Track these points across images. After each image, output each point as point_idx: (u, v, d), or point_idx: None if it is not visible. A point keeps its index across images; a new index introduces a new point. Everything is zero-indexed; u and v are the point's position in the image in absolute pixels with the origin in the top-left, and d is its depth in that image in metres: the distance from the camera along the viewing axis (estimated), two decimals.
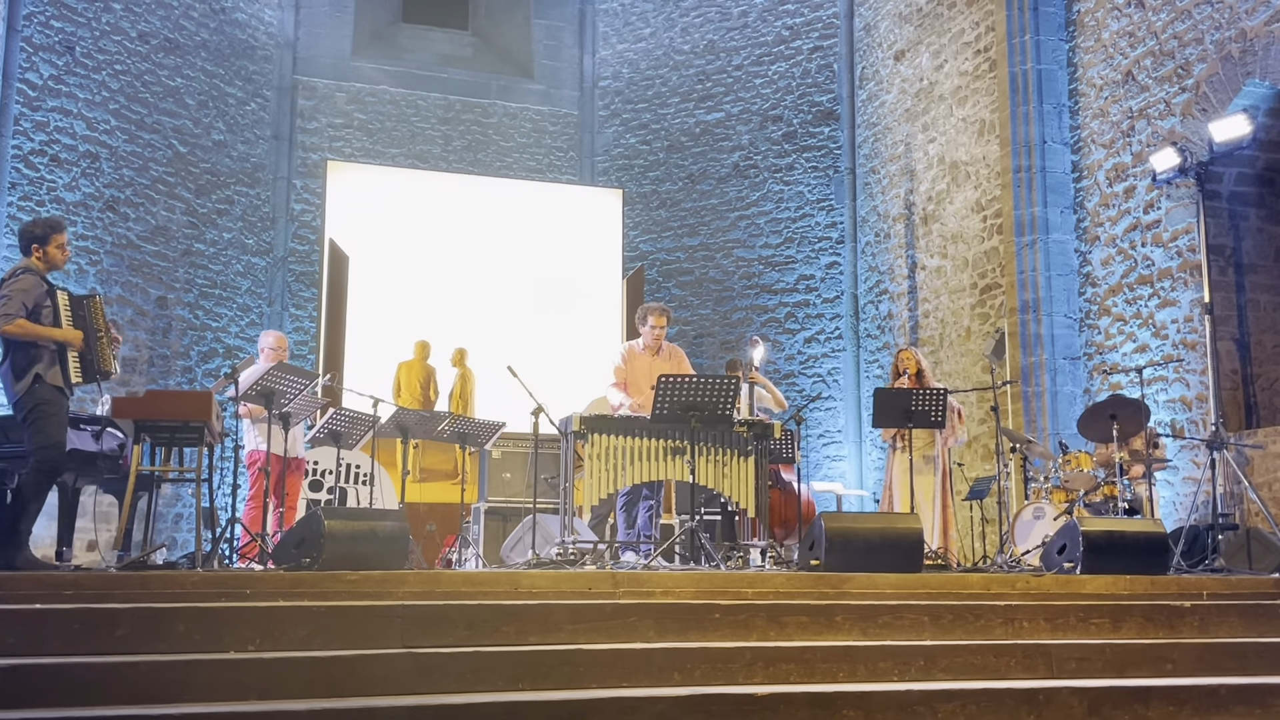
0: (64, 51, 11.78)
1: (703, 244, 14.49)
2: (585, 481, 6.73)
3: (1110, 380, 9.54)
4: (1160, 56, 9.33)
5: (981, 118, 11.33)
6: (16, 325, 5.47)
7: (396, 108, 14.66)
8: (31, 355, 5.56)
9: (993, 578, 5.76)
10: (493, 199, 13.52)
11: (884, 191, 13.17)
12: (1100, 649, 4.79)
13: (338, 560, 5.26)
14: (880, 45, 13.34)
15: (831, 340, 13.71)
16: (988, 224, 11.19)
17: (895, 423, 7.59)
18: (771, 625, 4.78)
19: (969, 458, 11.10)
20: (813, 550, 6.02)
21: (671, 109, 14.91)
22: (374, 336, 12.14)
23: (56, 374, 5.59)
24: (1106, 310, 9.79)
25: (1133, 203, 9.57)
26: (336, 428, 7.49)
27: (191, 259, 12.86)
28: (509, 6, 15.53)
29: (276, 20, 14.09)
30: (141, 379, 11.88)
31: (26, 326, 5.49)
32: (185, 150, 12.90)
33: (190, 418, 6.22)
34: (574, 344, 12.58)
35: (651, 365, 7.37)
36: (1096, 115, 10.05)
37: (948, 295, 11.82)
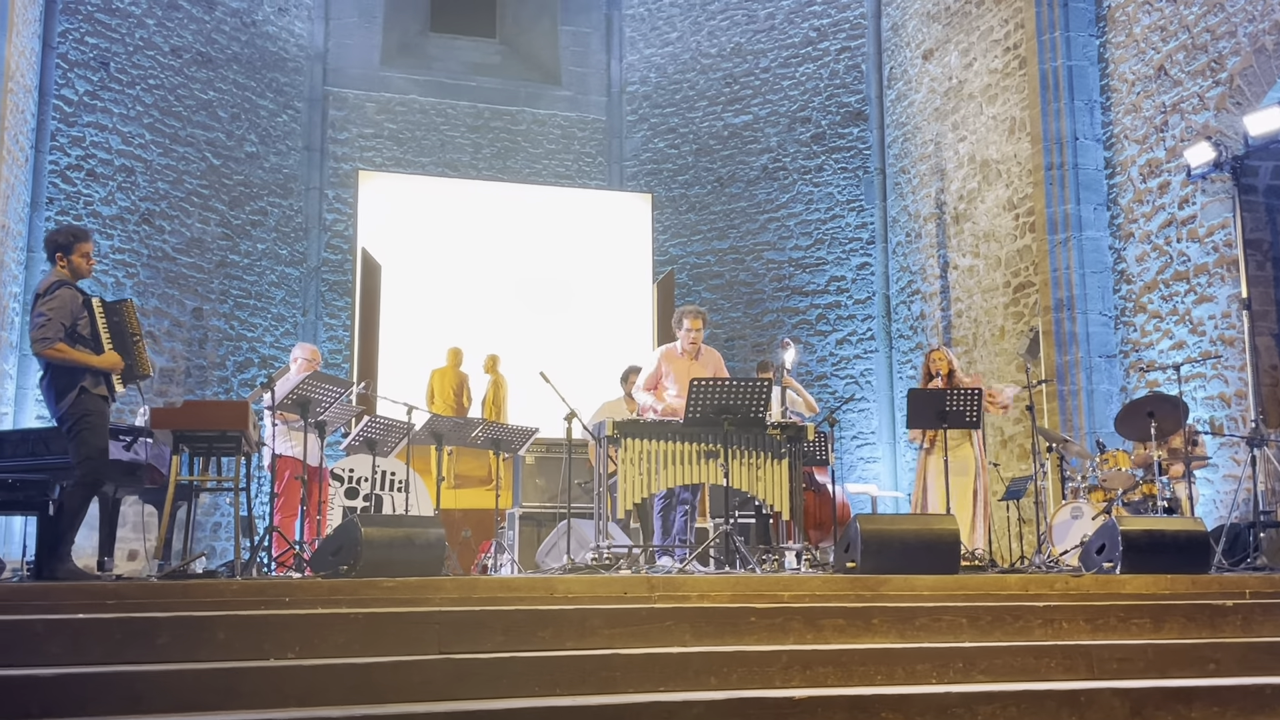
0: (99, 67, 11.92)
1: (732, 247, 14.46)
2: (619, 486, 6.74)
3: (1147, 378, 9.44)
4: (1193, 50, 9.23)
5: (1012, 115, 11.25)
6: (56, 350, 5.47)
7: (426, 116, 14.73)
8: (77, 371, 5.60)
9: (1031, 578, 5.71)
10: (522, 205, 13.56)
11: (914, 191, 13.10)
12: (1142, 649, 4.74)
13: (374, 567, 5.29)
14: (908, 45, 13.28)
15: (863, 341, 13.65)
16: (1020, 222, 11.11)
17: (929, 424, 7.54)
18: (808, 628, 4.76)
19: (1005, 457, 11.02)
20: (848, 553, 5.99)
21: (699, 112, 14.90)
22: (407, 344, 12.19)
23: (102, 387, 5.64)
24: (1142, 307, 9.70)
25: (1167, 198, 9.47)
26: (371, 435, 7.53)
27: (226, 270, 12.97)
28: (536, 14, 15.58)
29: (306, 32, 14.20)
30: (179, 389, 11.99)
31: (65, 352, 5.50)
32: (219, 163, 13.02)
33: (227, 427, 6.27)
34: (605, 349, 12.58)
35: (690, 369, 7.36)
36: (1129, 111, 9.96)
37: (980, 294, 11.74)
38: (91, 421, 5.54)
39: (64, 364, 5.53)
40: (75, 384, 5.53)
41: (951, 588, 5.41)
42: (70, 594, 4.63)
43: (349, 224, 13.51)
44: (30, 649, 4.02)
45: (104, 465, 5.61)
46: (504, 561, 7.78)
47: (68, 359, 5.51)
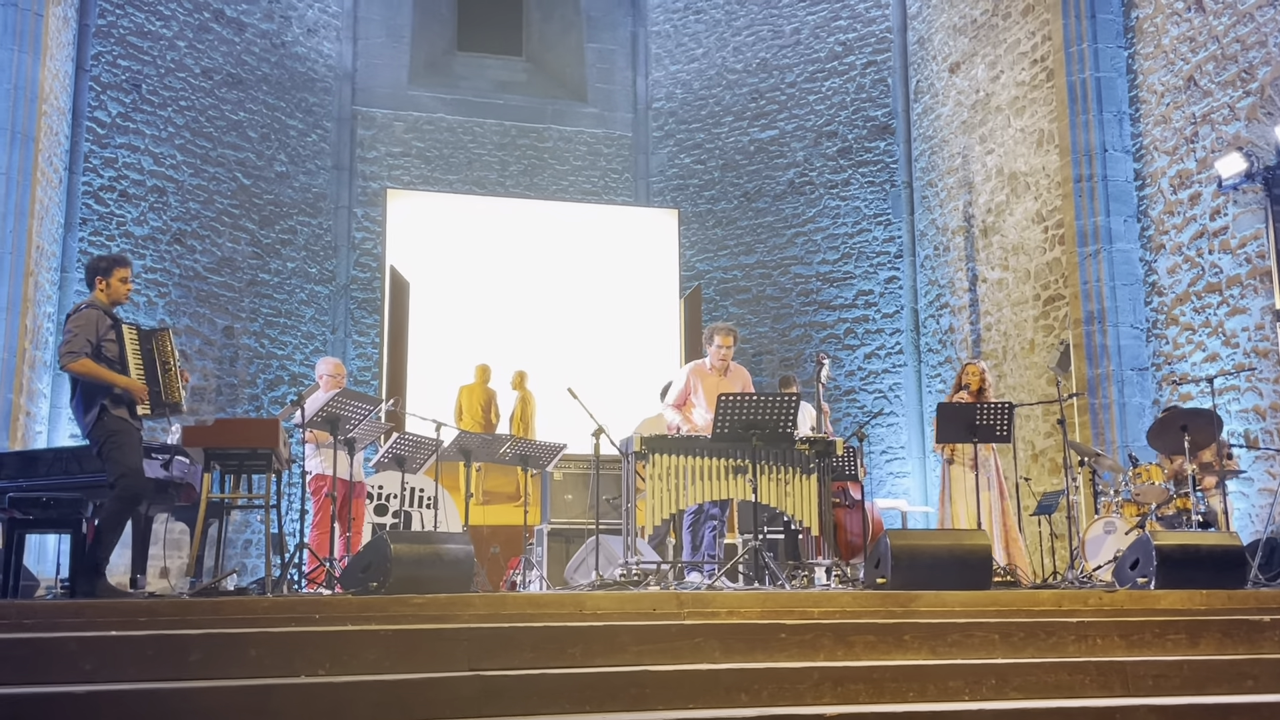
0: (131, 89, 12.06)
1: (759, 262, 14.45)
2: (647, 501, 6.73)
3: (1180, 391, 9.35)
4: (1223, 61, 9.16)
5: (1040, 128, 11.21)
6: (80, 364, 5.55)
7: (453, 135, 14.81)
8: (99, 389, 5.66)
9: (1064, 594, 5.66)
10: (549, 222, 13.61)
11: (942, 205, 13.06)
12: (1178, 666, 4.68)
13: (404, 584, 5.30)
14: (934, 58, 13.26)
15: (892, 355, 13.60)
16: (1049, 235, 11.05)
17: (959, 438, 7.50)
18: (839, 645, 4.73)
19: (1036, 472, 10.93)
20: (878, 568, 5.96)
21: (725, 128, 14.92)
22: (435, 361, 12.25)
23: (123, 408, 5.67)
24: (1174, 320, 9.61)
25: (1198, 209, 9.40)
26: (400, 452, 7.56)
27: (256, 289, 13.07)
28: (562, 32, 15.66)
29: (335, 53, 14.33)
30: (210, 408, 12.08)
31: (90, 367, 5.56)
32: (249, 182, 13.14)
33: (258, 445, 6.32)
34: (633, 364, 12.60)
35: (719, 385, 7.35)
36: (1158, 122, 9.90)
37: (1010, 308, 11.68)
38: (119, 440, 5.59)
39: (87, 380, 5.60)
40: (96, 403, 5.59)
41: (983, 603, 5.38)
42: (103, 611, 4.66)
43: (377, 242, 13.59)
44: (64, 667, 4.05)
45: (140, 482, 5.66)
46: (533, 578, 7.79)
47: (90, 374, 5.57)
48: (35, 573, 6.35)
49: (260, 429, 6.50)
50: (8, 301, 8.71)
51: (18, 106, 8.96)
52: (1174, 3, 9.71)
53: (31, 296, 9.39)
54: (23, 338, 8.95)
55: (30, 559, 6.10)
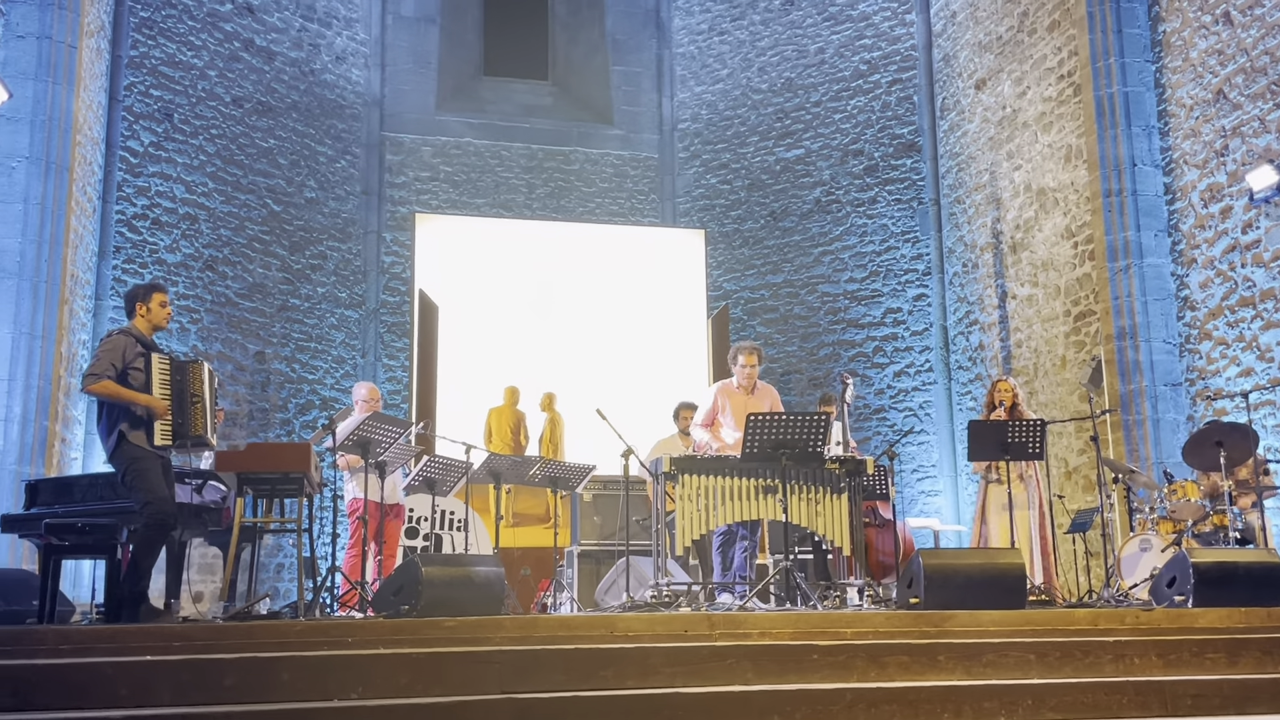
0: (163, 119, 12.20)
1: (787, 281, 14.44)
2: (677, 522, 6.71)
3: (1214, 406, 9.25)
4: (1252, 73, 9.10)
5: (1068, 143, 11.16)
6: (101, 385, 5.59)
7: (480, 159, 14.89)
8: (118, 415, 5.69)
9: (1100, 613, 5.61)
10: (577, 244, 13.66)
11: (970, 221, 13.02)
12: (1217, 685, 4.63)
13: (435, 606, 5.31)
14: (960, 75, 13.24)
15: (922, 373, 13.53)
16: (1079, 250, 10.99)
17: (992, 455, 7.45)
18: (872, 665, 4.70)
19: (1070, 489, 10.84)
20: (911, 588, 5.91)
21: (751, 148, 14.94)
22: (464, 384, 12.28)
23: (140, 435, 5.67)
24: (1207, 334, 9.52)
25: (1230, 223, 9.32)
26: (431, 474, 7.59)
27: (287, 314, 13.17)
28: (587, 55, 15.74)
29: (363, 79, 14.46)
30: (242, 432, 12.16)
31: (110, 387, 5.60)
32: (279, 209, 13.26)
33: (290, 469, 6.35)
34: (661, 385, 12.57)
35: (746, 404, 7.34)
36: (1188, 135, 9.84)
37: (1040, 324, 11.61)
38: (139, 467, 5.61)
39: (107, 400, 5.64)
40: (115, 428, 5.63)
41: (1018, 623, 5.33)
42: (138, 636, 4.69)
43: (406, 266, 13.67)
44: (101, 692, 4.08)
45: (167, 508, 5.68)
46: (563, 600, 7.78)
47: (110, 394, 5.61)
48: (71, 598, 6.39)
49: (292, 453, 6.53)
50: (43, 330, 8.81)
51: (52, 137, 9.08)
52: (1201, 16, 9.66)
53: (66, 324, 9.50)
54: (58, 365, 9.05)
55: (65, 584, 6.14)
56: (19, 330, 8.63)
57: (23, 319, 8.68)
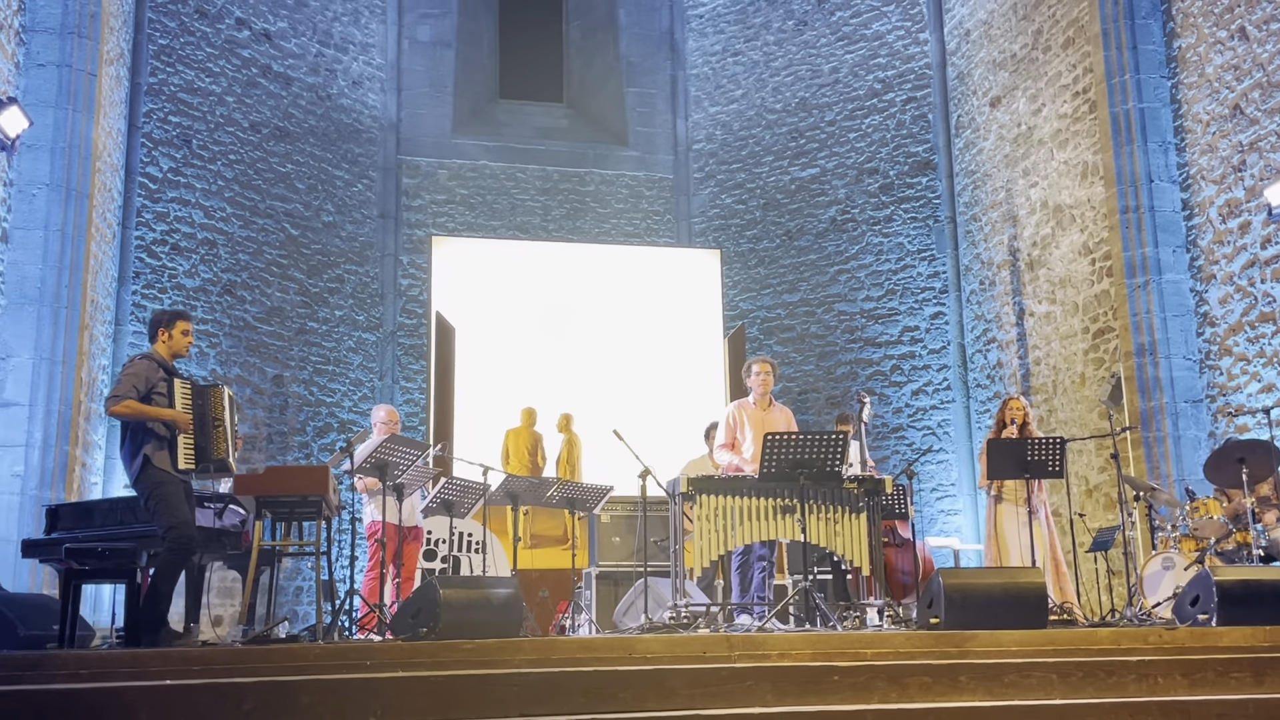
0: (181, 145, 12.30)
1: (803, 300, 14.43)
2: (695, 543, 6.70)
3: (1236, 422, 9.20)
4: (1268, 88, 9.08)
5: (1084, 160, 11.15)
6: (124, 405, 5.65)
7: (496, 181, 14.95)
8: (141, 439, 5.73)
9: (1123, 632, 5.57)
10: (593, 265, 13.68)
11: (986, 239, 13.00)
12: (1243, 705, 4.58)
13: (453, 629, 5.32)
14: (975, 93, 13.25)
15: (940, 392, 13.49)
16: (1096, 267, 10.95)
17: (1011, 474, 7.43)
18: (893, 687, 4.68)
19: (1091, 507, 10.77)
20: (931, 608, 5.89)
21: (766, 167, 14.96)
22: (481, 405, 12.30)
23: (164, 458, 5.72)
24: (1228, 350, 9.47)
25: (1249, 238, 9.28)
26: (448, 497, 7.59)
27: (305, 337, 13.23)
28: (602, 77, 15.82)
29: (380, 103, 14.55)
30: (261, 456, 12.20)
31: (133, 406, 5.66)
32: (297, 233, 13.33)
33: (308, 492, 6.36)
34: (678, 405, 12.59)
35: (763, 420, 7.34)
36: (1205, 151, 9.81)
37: (1059, 341, 11.57)
38: (163, 492, 5.64)
39: (131, 421, 5.68)
40: (139, 451, 5.67)
41: (1040, 643, 5.30)
42: (158, 660, 4.70)
43: (423, 289, 13.72)
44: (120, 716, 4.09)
45: (189, 533, 5.71)
46: (581, 621, 7.76)
47: (133, 413, 5.66)
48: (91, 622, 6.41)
49: (310, 476, 6.55)
50: (63, 355, 8.85)
51: (72, 165, 9.15)
52: (1217, 31, 9.65)
53: (87, 350, 9.55)
54: (78, 390, 9.09)
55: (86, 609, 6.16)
56: (40, 355, 8.67)
57: (43, 344, 8.71)
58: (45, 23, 9.14)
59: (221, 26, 12.87)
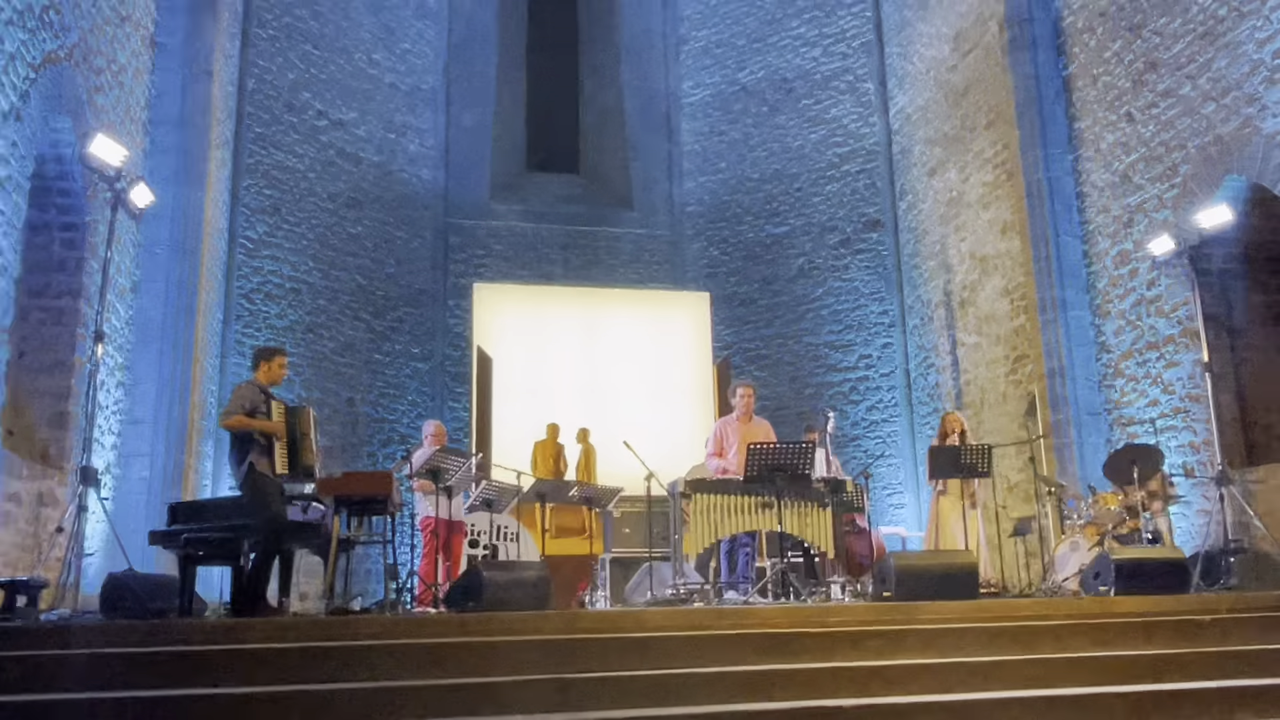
0: (273, 212, 12.38)
1: (777, 333, 14.47)
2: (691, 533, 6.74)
3: (1128, 431, 9.24)
4: (1151, 160, 9.18)
5: (1003, 219, 11.23)
6: (233, 420, 5.74)
7: (525, 238, 14.99)
8: (246, 448, 5.79)
9: (1039, 602, 5.61)
10: (605, 305, 13.69)
11: (925, 283, 13.07)
12: (1136, 659, 4.63)
13: (494, 604, 5.36)
14: (915, 165, 13.36)
15: (889, 408, 13.52)
16: (1014, 305, 11.02)
17: (949, 474, 7.48)
18: (853, 648, 4.72)
19: (1012, 501, 10.79)
20: (884, 584, 5.93)
21: (746, 225, 15.01)
22: (514, 421, 12.27)
23: (265, 464, 5.79)
24: (1121, 373, 9.53)
25: (1136, 282, 9.36)
26: (489, 496, 7.65)
27: (371, 367, 13.27)
28: (611, 153, 15.91)
29: (431, 177, 14.64)
30: (336, 463, 12.20)
31: (241, 420, 5.74)
32: (365, 282, 13.40)
33: (376, 492, 6.41)
34: (675, 421, 12.62)
35: (745, 432, 7.39)
36: (1101, 211, 9.90)
37: (985, 366, 11.62)
38: (263, 492, 5.69)
39: (238, 433, 5.75)
40: (245, 459, 5.73)
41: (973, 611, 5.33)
42: (257, 628, 4.75)
43: (466, 327, 13.75)
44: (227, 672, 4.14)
45: (281, 525, 5.77)
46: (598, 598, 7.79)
47: (241, 426, 5.74)
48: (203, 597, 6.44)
49: (377, 479, 6.59)
50: (180, 382, 8.91)
51: (187, 230, 9.24)
52: (1108, 115, 9.76)
53: (198, 378, 9.61)
54: (192, 411, 9.16)
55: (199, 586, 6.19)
56: (161, 383, 8.73)
57: (164, 374, 8.78)
58: (166, 117, 9.26)
59: (305, 116, 13.00)
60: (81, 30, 7.32)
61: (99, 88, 7.76)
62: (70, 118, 7.13)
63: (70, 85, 7.09)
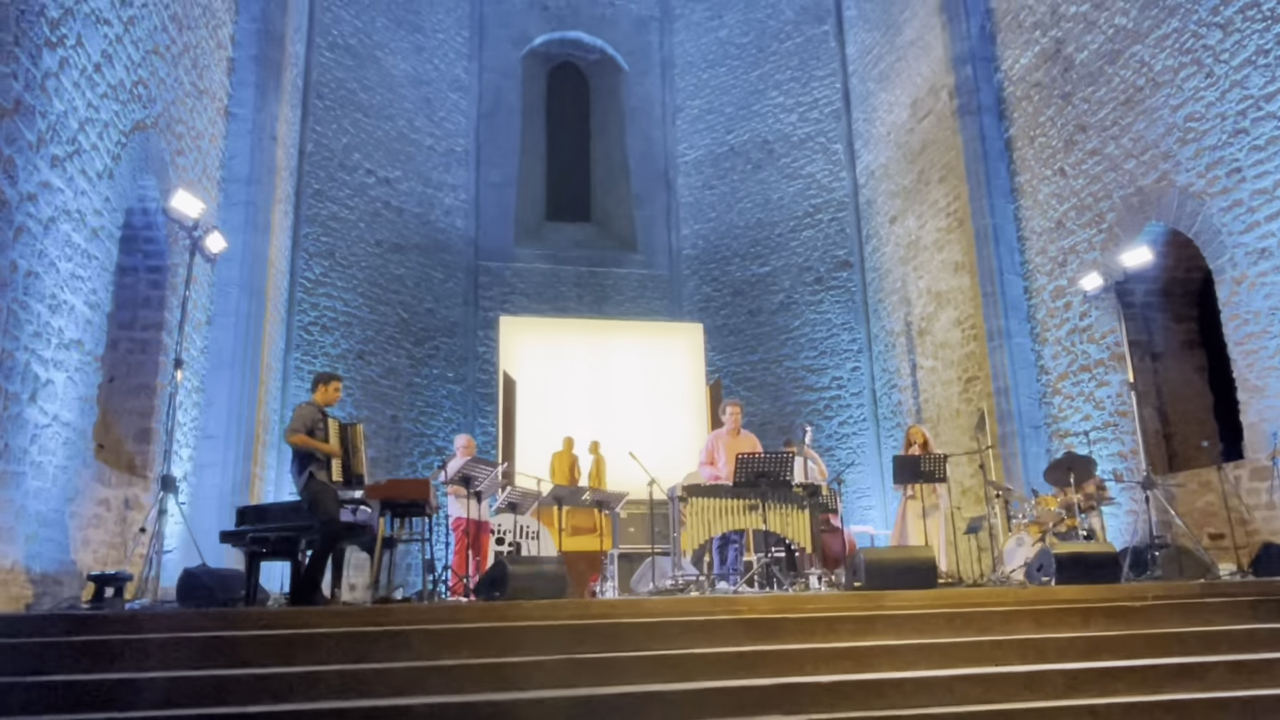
0: (328, 256, 12.46)
1: (761, 359, 14.49)
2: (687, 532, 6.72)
3: (1065, 442, 9.22)
4: (1081, 209, 9.22)
5: (955, 259, 11.27)
6: (297, 438, 5.73)
7: (544, 277, 15.07)
8: (307, 460, 5.79)
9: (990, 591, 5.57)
10: (613, 335, 13.74)
11: (889, 315, 13.09)
12: (1074, 640, 4.60)
13: (518, 593, 5.33)
14: (879, 214, 13.42)
15: (858, 423, 13.50)
16: (965, 334, 11.03)
17: (910, 479, 7.45)
18: (829, 631, 4.70)
19: (965, 503, 10.75)
20: (855, 576, 5.90)
21: (734, 266, 15.08)
22: (535, 435, 12.28)
23: (323, 473, 5.79)
24: (1058, 391, 9.52)
25: (1070, 313, 9.37)
26: (513, 499, 7.62)
27: (412, 389, 13.30)
28: (618, 204, 16.01)
29: (464, 226, 14.73)
30: (382, 472, 12.22)
31: (303, 439, 5.74)
32: (407, 316, 13.45)
33: (415, 497, 6.40)
34: (673, 434, 12.61)
35: (734, 445, 7.38)
36: (1039, 253, 9.93)
37: (940, 386, 11.61)
38: (322, 496, 5.69)
39: (300, 449, 5.76)
40: (306, 469, 5.73)
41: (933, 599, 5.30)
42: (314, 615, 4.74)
43: (493, 353, 13.80)
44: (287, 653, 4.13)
45: (337, 526, 5.76)
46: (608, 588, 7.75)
47: (303, 444, 5.74)
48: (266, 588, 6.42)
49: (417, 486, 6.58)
50: (247, 402, 8.94)
51: (254, 271, 9.30)
52: (1044, 170, 9.81)
53: (263, 399, 9.64)
54: (257, 427, 9.17)
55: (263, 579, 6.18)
56: (231, 402, 8.76)
57: (235, 395, 8.80)
58: (238, 175, 9.35)
59: (356, 174, 13.10)
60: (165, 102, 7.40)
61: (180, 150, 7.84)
62: (155, 177, 7.19)
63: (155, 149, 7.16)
